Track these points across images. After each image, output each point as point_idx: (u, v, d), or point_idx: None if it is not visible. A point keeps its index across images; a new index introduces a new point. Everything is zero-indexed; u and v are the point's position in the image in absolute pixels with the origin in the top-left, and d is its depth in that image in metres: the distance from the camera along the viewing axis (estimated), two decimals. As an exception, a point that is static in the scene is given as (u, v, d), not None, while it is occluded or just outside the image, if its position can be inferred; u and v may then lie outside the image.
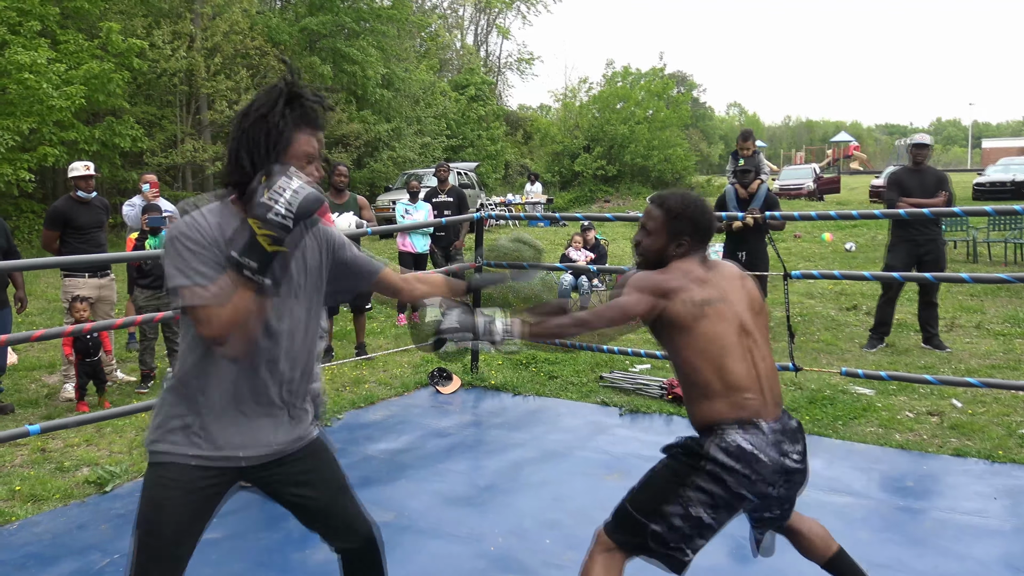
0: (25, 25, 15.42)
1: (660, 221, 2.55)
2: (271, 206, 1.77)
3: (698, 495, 2.33)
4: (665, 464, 2.48)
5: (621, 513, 2.45)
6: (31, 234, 16.31)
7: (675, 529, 2.34)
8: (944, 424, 4.99)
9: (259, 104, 1.92)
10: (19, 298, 6.01)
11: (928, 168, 7.08)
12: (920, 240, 6.81)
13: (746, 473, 2.31)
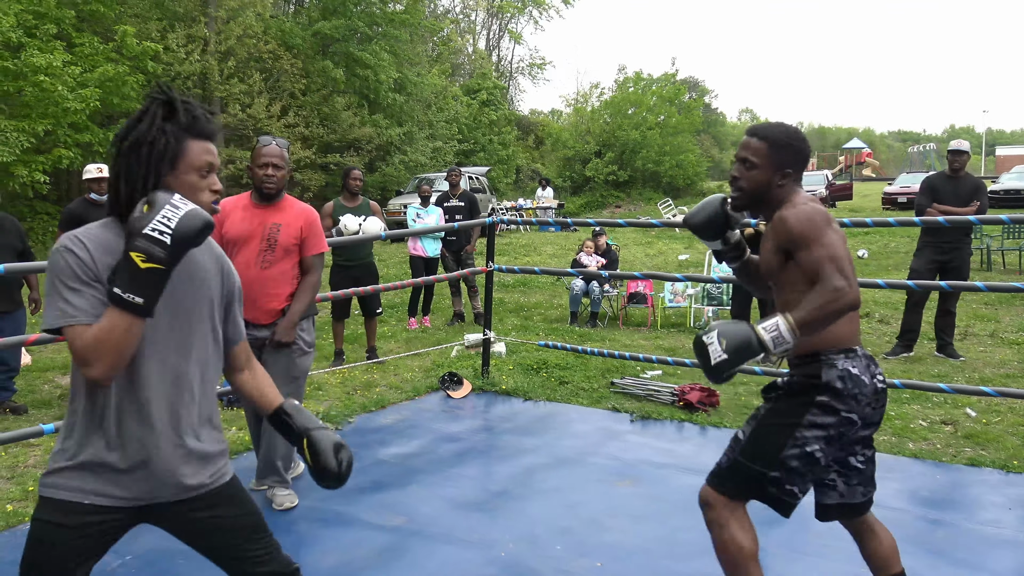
0: (41, 28, 15.55)
1: (764, 153, 2.47)
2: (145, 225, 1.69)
3: (813, 432, 2.39)
4: (770, 409, 2.50)
5: (733, 467, 2.49)
6: (45, 236, 16.41)
7: (792, 471, 2.40)
8: (958, 433, 4.95)
9: (131, 126, 1.82)
10: (33, 299, 6.05)
11: (966, 176, 6.98)
12: (946, 247, 6.76)
13: (855, 395, 2.38)
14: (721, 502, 2.50)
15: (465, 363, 6.93)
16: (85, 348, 1.72)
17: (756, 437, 2.48)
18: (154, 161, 1.80)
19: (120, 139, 1.84)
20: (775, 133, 2.49)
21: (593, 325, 9.01)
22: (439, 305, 10.04)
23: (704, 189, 34.15)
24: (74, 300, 1.74)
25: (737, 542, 2.46)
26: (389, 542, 3.60)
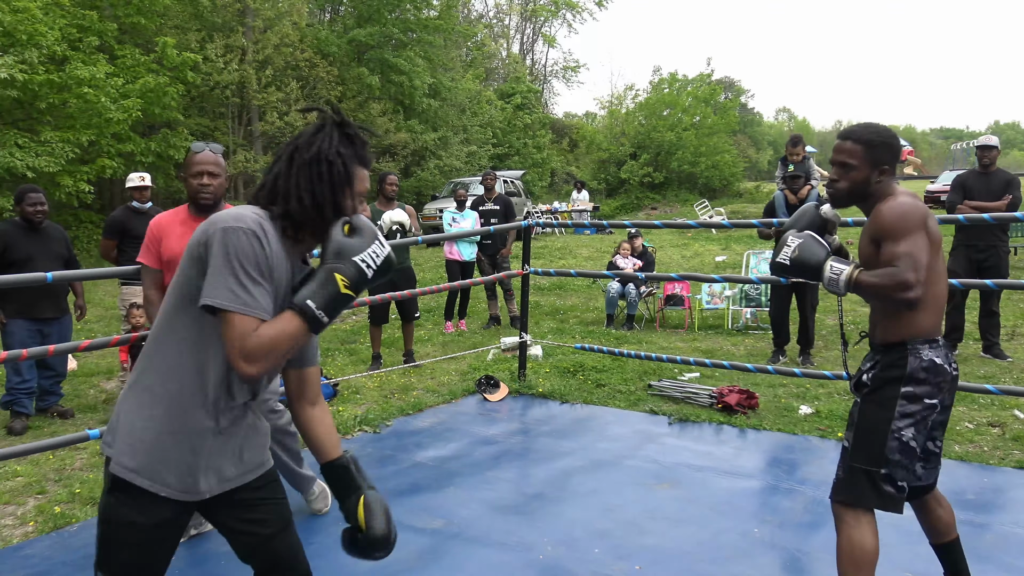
0: (84, 41, 15.91)
1: (860, 154, 2.61)
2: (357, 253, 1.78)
3: (904, 421, 2.57)
4: (863, 410, 2.65)
5: (849, 474, 2.63)
6: (90, 244, 16.75)
7: (896, 464, 2.56)
8: (1006, 436, 4.84)
9: (311, 140, 1.87)
10: (79, 306, 6.18)
11: (997, 171, 6.88)
12: (980, 246, 6.65)
13: (938, 383, 2.57)
14: (848, 512, 2.62)
15: (501, 366, 6.93)
16: (259, 346, 1.71)
17: (860, 440, 2.61)
18: (337, 182, 1.85)
19: (296, 148, 1.87)
20: (868, 134, 2.63)
21: (630, 327, 8.97)
22: (475, 309, 10.06)
23: (741, 190, 33.81)
24: (253, 290, 1.73)
25: (863, 544, 2.59)
26: (428, 545, 3.61)
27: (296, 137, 1.90)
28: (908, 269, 2.42)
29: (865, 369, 2.70)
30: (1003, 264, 6.74)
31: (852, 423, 2.67)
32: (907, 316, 2.57)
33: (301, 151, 1.86)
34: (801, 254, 2.62)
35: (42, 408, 5.89)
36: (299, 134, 1.90)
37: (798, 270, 2.63)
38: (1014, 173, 7.10)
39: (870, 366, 2.69)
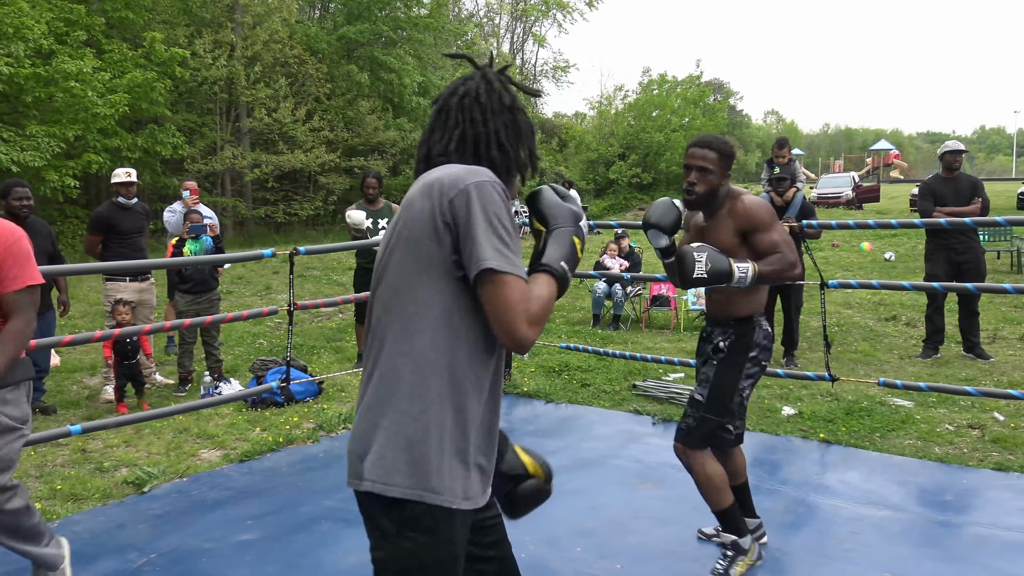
0: (72, 35, 15.81)
1: (716, 161, 3.05)
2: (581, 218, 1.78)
3: (747, 381, 3.16)
4: (719, 369, 3.16)
5: (701, 423, 3.14)
6: (75, 239, 16.65)
7: (735, 415, 3.17)
8: (985, 437, 4.89)
9: (489, 91, 1.78)
10: (62, 302, 6.14)
11: (961, 175, 6.97)
12: (959, 248, 6.71)
13: (769, 349, 3.21)
14: (696, 452, 3.15)
15: (487, 365, 6.93)
16: (541, 308, 1.60)
17: (713, 395, 3.14)
18: (526, 132, 1.82)
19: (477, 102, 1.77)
20: (721, 144, 3.08)
21: (616, 327, 8.99)
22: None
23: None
24: (515, 251, 1.60)
25: (716, 471, 3.15)
26: (410, 543, 3.61)
27: (461, 94, 1.78)
28: (790, 251, 3.00)
29: (722, 337, 3.17)
30: (982, 263, 6.82)
31: (707, 380, 3.16)
32: (753, 295, 3.12)
33: (486, 105, 1.76)
34: (713, 265, 2.92)
35: (24, 404, 5.84)
36: (463, 91, 1.79)
37: (714, 279, 2.93)
38: (976, 176, 7.14)
39: (726, 335, 3.17)
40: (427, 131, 1.81)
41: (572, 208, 1.78)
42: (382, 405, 1.64)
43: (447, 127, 1.77)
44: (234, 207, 21.73)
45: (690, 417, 3.17)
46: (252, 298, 11.43)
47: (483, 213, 1.58)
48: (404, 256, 1.66)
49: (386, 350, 1.65)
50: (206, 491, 4.28)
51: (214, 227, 6.86)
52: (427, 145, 1.79)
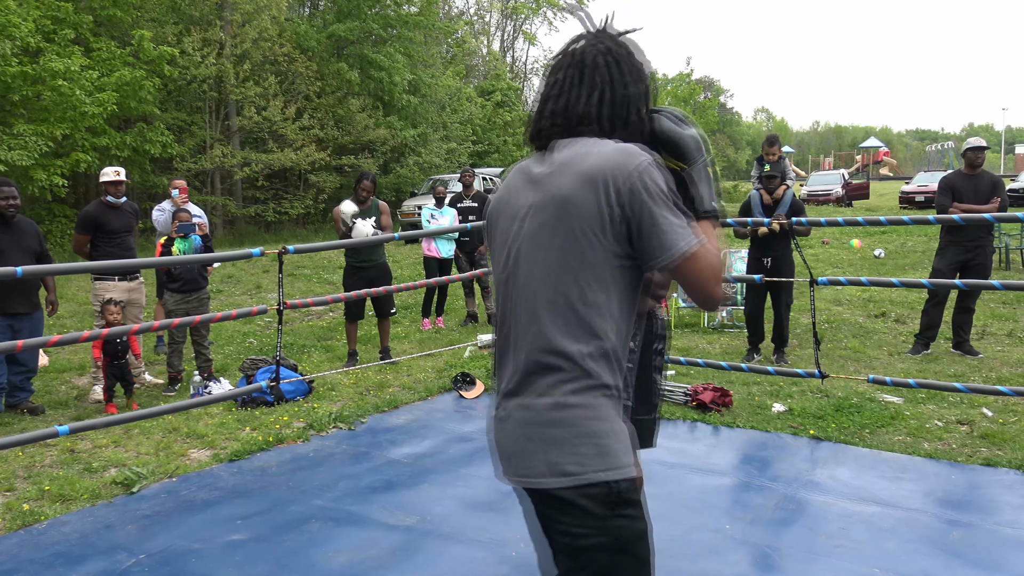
0: (59, 33, 15.71)
1: None
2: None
3: (659, 372, 3.10)
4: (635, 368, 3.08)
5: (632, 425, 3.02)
6: (63, 238, 16.56)
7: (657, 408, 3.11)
8: (974, 433, 4.91)
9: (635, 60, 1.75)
10: (50, 301, 6.11)
11: (983, 173, 6.96)
12: (969, 245, 6.74)
13: (666, 338, 3.12)
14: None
15: (478, 363, 6.93)
16: (721, 259, 1.64)
17: (639, 394, 3.02)
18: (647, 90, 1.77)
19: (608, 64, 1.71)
20: None
21: (607, 325, 8.99)
22: (452, 306, 10.05)
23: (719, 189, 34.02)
24: (688, 216, 1.62)
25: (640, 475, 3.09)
26: (401, 541, 3.61)
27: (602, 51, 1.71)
28: None
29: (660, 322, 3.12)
30: (988, 263, 6.86)
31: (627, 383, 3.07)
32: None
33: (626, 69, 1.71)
34: None
35: (12, 404, 5.81)
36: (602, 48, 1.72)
37: None
38: (998, 175, 7.14)
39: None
40: (556, 84, 1.72)
41: (697, 136, 1.74)
42: None
43: (585, 84, 1.69)
44: (224, 206, 21.65)
45: None
46: (242, 297, 11.39)
47: (658, 197, 1.58)
48: (565, 250, 1.61)
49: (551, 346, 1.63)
50: (195, 491, 4.27)
51: (203, 226, 6.83)
52: (564, 102, 1.70)
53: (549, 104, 1.72)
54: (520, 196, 1.70)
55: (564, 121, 1.70)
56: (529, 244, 1.66)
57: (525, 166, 1.75)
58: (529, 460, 1.63)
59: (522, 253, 1.67)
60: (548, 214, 1.63)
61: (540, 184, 1.66)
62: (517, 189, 1.72)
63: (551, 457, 1.60)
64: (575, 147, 1.66)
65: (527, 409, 1.64)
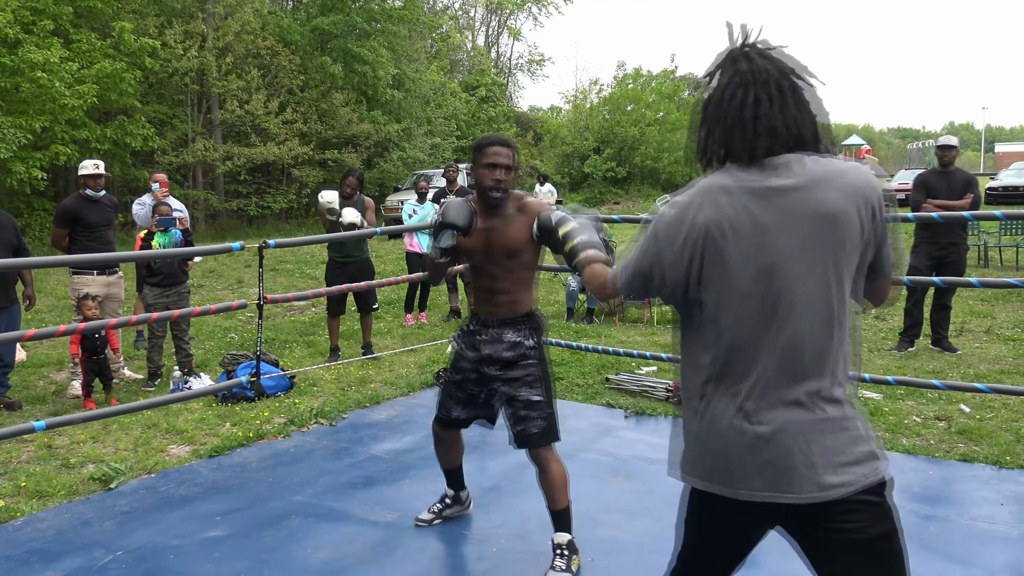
0: (38, 24, 15.52)
1: (515, 157, 3.18)
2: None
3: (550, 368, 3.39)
4: (541, 366, 3.30)
5: (552, 422, 3.29)
6: (42, 232, 16.39)
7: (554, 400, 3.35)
8: (952, 429, 4.96)
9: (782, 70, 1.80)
10: (28, 296, 6.04)
11: (956, 170, 7.04)
12: (943, 243, 6.80)
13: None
14: (549, 450, 3.27)
15: (461, 359, 6.91)
16: None
17: (547, 392, 3.28)
18: None
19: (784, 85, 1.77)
20: (513, 142, 3.22)
21: (589, 321, 9.01)
22: (435, 301, 10.03)
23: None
24: None
25: (564, 470, 3.30)
26: (382, 537, 3.60)
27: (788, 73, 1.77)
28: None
29: (520, 335, 3.26)
30: (962, 260, 6.93)
31: (536, 379, 3.25)
32: (532, 289, 3.30)
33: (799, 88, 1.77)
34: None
35: (-11, 399, 5.75)
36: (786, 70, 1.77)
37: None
38: (971, 173, 7.22)
39: (523, 333, 3.27)
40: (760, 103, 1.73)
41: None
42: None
43: (790, 105, 1.74)
44: (205, 200, 21.50)
45: (538, 419, 3.22)
46: (223, 292, 11.32)
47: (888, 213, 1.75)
48: (826, 264, 1.69)
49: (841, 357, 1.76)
50: (174, 487, 4.24)
51: (184, 220, 6.78)
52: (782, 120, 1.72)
53: (763, 121, 1.72)
54: (754, 210, 1.71)
55: (783, 138, 1.73)
56: (789, 257, 1.70)
57: (740, 185, 1.73)
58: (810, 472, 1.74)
59: (780, 266, 1.70)
60: (811, 228, 1.69)
61: (787, 197, 1.70)
62: (742, 204, 1.71)
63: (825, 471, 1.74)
64: (816, 164, 1.73)
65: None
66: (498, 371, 3.28)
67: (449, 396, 3.44)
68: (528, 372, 3.25)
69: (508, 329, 3.27)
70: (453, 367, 3.42)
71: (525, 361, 3.26)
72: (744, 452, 1.72)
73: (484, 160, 3.13)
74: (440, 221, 3.09)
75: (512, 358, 3.26)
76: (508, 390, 3.27)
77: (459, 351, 3.39)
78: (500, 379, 3.28)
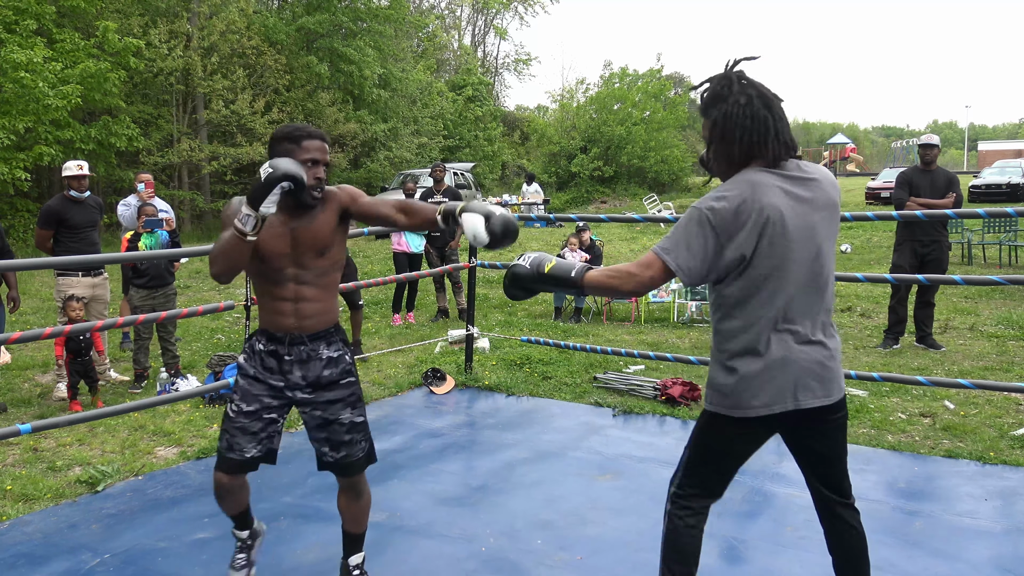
0: (21, 24, 15.40)
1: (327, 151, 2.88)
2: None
3: None
4: (356, 381, 2.95)
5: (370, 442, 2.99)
6: (26, 233, 16.26)
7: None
8: (936, 425, 5.00)
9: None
10: (12, 298, 6.00)
11: (939, 169, 7.10)
12: (925, 240, 6.86)
13: None
14: (364, 474, 3.01)
15: (448, 359, 6.93)
16: None
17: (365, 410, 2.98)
18: None
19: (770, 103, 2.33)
20: (326, 135, 2.92)
21: (577, 320, 9.03)
22: (423, 301, 10.03)
23: (689, 184, 34.22)
24: None
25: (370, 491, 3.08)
26: (370, 537, 3.58)
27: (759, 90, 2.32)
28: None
29: (335, 350, 2.86)
30: (944, 258, 7.00)
31: (357, 398, 2.90)
32: (336, 294, 2.93)
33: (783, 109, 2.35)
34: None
35: (-27, 402, 5.70)
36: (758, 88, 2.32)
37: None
38: (954, 171, 7.28)
39: (338, 347, 2.88)
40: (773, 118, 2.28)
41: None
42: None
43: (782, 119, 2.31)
44: (191, 200, 21.39)
45: (362, 442, 2.93)
46: (210, 292, 11.28)
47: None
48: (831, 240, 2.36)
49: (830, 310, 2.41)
50: (161, 489, 4.22)
51: (170, 221, 6.75)
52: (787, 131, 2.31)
53: (782, 135, 2.28)
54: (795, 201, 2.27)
55: (792, 148, 2.30)
56: (822, 235, 2.31)
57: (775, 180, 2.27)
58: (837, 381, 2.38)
59: (823, 241, 2.32)
60: (827, 214, 2.33)
61: (811, 189, 2.30)
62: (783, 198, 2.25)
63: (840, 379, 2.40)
64: (808, 166, 2.36)
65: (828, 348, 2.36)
66: (310, 394, 2.84)
67: (242, 431, 2.83)
68: (351, 392, 2.89)
69: (322, 344, 2.84)
70: (244, 397, 2.85)
71: (347, 379, 2.89)
72: (812, 370, 2.31)
73: (302, 155, 2.68)
74: (271, 174, 2.46)
75: (332, 377, 2.85)
76: (324, 414, 2.85)
77: (251, 377, 2.86)
78: (313, 403, 2.85)
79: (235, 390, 2.88)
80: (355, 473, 2.95)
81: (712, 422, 2.47)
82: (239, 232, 2.52)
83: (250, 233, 2.52)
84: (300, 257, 2.74)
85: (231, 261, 2.60)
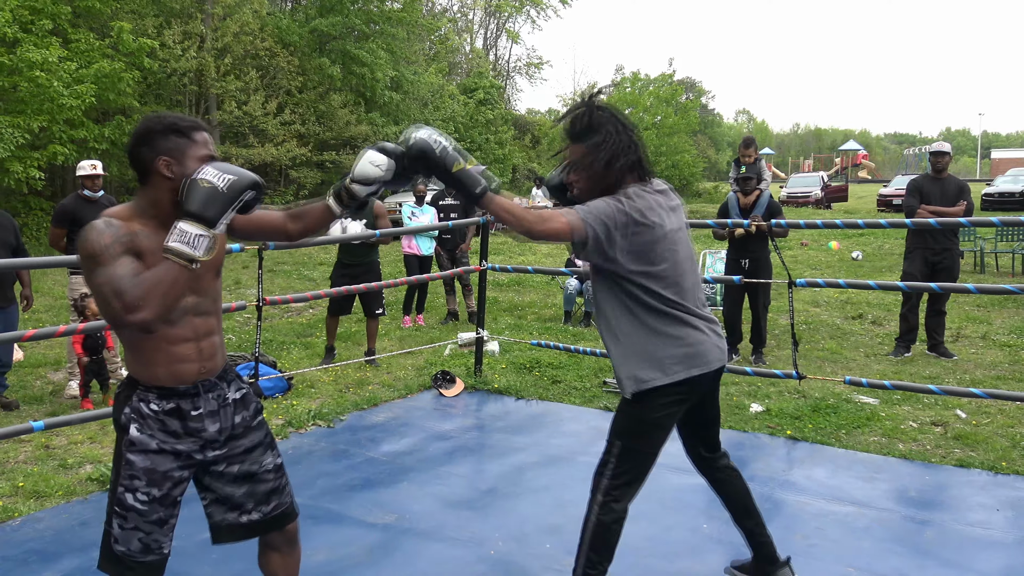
0: (37, 24, 15.49)
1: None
2: None
3: None
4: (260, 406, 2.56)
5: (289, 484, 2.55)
6: (40, 232, 16.35)
7: None
8: (948, 435, 4.98)
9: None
10: (25, 296, 6.03)
11: (950, 176, 7.07)
12: (936, 249, 6.84)
13: None
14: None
15: (458, 361, 6.93)
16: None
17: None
18: None
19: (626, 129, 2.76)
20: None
21: (587, 324, 9.02)
22: (433, 303, 10.04)
23: (700, 190, 34.19)
24: None
25: None
26: (379, 540, 3.60)
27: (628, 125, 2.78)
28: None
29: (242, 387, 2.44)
30: (956, 266, 6.97)
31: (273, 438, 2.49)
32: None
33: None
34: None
35: (-14, 399, 5.74)
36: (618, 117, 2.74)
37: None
38: (964, 179, 7.27)
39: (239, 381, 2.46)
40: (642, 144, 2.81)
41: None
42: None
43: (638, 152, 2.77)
44: (203, 201, 21.45)
45: (287, 485, 2.50)
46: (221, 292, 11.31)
47: None
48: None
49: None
50: (172, 488, 4.23)
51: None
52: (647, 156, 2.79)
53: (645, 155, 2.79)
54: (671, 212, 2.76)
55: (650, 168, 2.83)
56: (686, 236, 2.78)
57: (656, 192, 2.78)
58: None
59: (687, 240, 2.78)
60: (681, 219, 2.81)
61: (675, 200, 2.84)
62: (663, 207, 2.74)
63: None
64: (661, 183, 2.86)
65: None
66: (221, 450, 2.34)
67: (159, 525, 2.29)
68: (266, 431, 2.45)
69: (226, 384, 2.38)
70: (151, 481, 2.25)
71: (259, 418, 2.45)
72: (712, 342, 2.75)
73: (199, 152, 2.20)
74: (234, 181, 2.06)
75: (246, 420, 2.40)
76: (244, 466, 2.38)
77: (154, 452, 2.25)
78: (228, 458, 2.36)
79: (134, 475, 2.23)
80: (293, 520, 2.51)
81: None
82: (183, 258, 1.99)
83: (202, 257, 2.02)
84: (198, 281, 2.22)
85: (169, 299, 2.01)
